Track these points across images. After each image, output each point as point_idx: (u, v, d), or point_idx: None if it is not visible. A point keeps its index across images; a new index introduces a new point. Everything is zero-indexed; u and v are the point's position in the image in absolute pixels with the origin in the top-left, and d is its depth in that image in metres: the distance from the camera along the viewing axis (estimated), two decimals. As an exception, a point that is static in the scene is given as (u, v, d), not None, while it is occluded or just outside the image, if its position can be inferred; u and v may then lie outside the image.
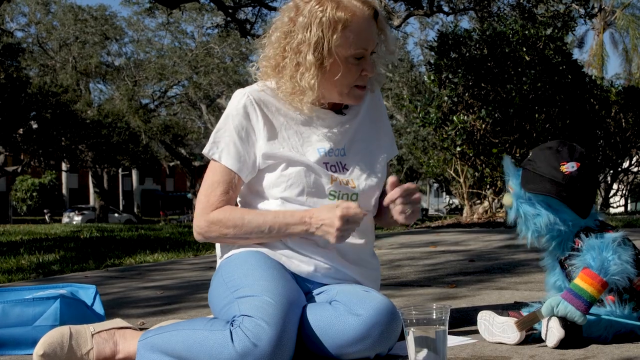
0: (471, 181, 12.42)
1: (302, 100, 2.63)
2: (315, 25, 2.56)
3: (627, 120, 12.53)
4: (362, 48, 2.60)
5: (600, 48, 42.17)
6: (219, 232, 2.62)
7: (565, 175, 2.52)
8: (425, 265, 5.48)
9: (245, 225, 2.60)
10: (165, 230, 13.25)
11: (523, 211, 2.58)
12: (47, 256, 7.73)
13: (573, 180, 2.52)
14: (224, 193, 2.64)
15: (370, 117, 2.82)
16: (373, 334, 2.36)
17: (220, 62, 39.72)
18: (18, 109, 30.44)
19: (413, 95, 34.19)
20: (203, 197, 2.66)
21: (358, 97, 2.69)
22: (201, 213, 2.65)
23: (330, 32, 2.56)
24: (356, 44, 2.59)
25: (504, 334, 2.55)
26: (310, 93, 2.60)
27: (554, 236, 2.58)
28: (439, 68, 11.30)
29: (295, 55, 2.61)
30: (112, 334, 2.57)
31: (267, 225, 2.59)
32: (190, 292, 4.66)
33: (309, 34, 2.58)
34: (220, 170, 2.65)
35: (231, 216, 2.61)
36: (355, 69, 2.62)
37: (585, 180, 2.54)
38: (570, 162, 2.54)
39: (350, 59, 2.60)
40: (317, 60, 2.58)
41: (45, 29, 40.24)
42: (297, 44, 2.60)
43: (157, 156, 45.85)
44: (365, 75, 2.65)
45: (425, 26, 39.85)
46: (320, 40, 2.57)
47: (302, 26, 2.59)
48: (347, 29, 2.57)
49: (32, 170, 46.34)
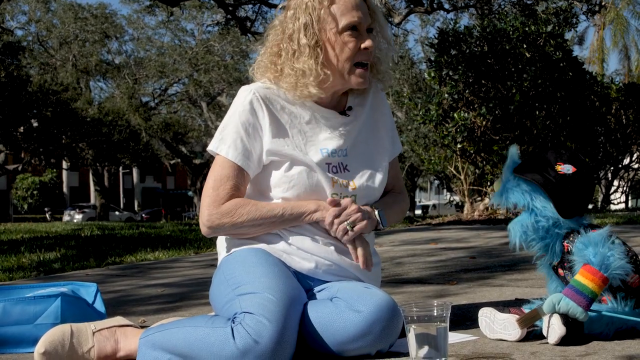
0: (472, 178, 12.42)
1: (306, 84, 2.63)
2: (302, 11, 2.63)
3: (628, 116, 12.53)
4: (352, 18, 2.62)
5: (601, 44, 42.18)
6: (231, 222, 2.61)
7: (558, 174, 2.54)
8: (426, 262, 5.48)
9: (258, 210, 2.60)
10: (166, 228, 13.26)
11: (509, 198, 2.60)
12: (48, 254, 7.74)
13: (564, 180, 2.53)
14: (233, 187, 2.64)
15: (374, 119, 2.82)
16: (374, 331, 2.36)
17: (221, 59, 39.69)
18: (18, 107, 30.43)
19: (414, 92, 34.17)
20: (212, 190, 2.64)
21: (362, 76, 2.68)
22: (211, 205, 2.63)
23: (317, 12, 2.61)
24: (345, 14, 2.62)
25: (505, 330, 2.55)
26: (309, 73, 2.61)
27: (541, 237, 2.58)
28: (440, 65, 11.30)
29: (289, 45, 2.65)
30: (113, 332, 2.57)
31: (280, 207, 2.61)
32: (192, 290, 4.66)
33: (298, 22, 2.63)
34: (228, 165, 2.65)
35: (243, 204, 2.61)
36: (353, 44, 2.63)
37: (577, 186, 2.56)
38: (567, 165, 2.56)
39: (345, 33, 2.62)
40: (310, 40, 2.61)
41: (45, 27, 40.21)
42: (289, 35, 2.65)
43: (158, 154, 45.81)
44: (365, 49, 2.65)
45: (425, 23, 39.87)
46: (309, 21, 2.61)
47: (291, 17, 2.66)
48: (332, 4, 2.63)
49: (33, 169, 46.36)
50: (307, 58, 2.61)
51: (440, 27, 12.52)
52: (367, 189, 2.71)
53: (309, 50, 2.61)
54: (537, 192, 2.56)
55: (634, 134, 12.75)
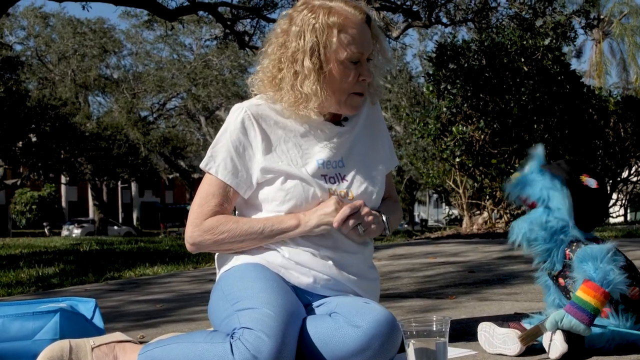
0: (470, 192, 12.42)
1: (307, 107, 2.63)
2: (309, 31, 2.59)
3: (626, 129, 12.53)
4: (358, 51, 2.62)
5: (600, 57, 42.25)
6: (212, 239, 2.63)
7: (582, 185, 2.53)
8: (424, 277, 5.48)
9: (238, 227, 2.62)
10: (164, 243, 13.24)
11: (530, 179, 2.58)
12: (46, 269, 7.72)
13: (587, 192, 2.53)
14: (218, 204, 2.65)
15: (369, 129, 2.82)
16: (373, 346, 2.36)
17: (219, 74, 39.81)
18: (17, 122, 30.47)
19: (412, 106, 34.28)
20: (196, 207, 2.67)
21: (355, 105, 2.70)
22: (193, 223, 2.66)
23: (325, 36, 2.59)
24: (351, 46, 2.60)
25: (504, 345, 2.55)
26: (314, 99, 2.61)
27: (546, 238, 2.56)
28: (438, 79, 11.31)
29: (291, 64, 2.63)
30: (112, 348, 2.57)
31: (261, 223, 2.62)
32: (190, 305, 4.65)
33: (303, 41, 2.60)
34: (215, 183, 2.66)
35: (224, 222, 2.62)
36: (352, 74, 2.63)
37: (596, 201, 2.56)
38: (591, 178, 2.56)
39: (347, 63, 2.62)
40: (315, 65, 2.60)
41: (44, 42, 40.34)
42: (292, 53, 2.63)
43: (157, 168, 45.88)
44: (363, 80, 2.66)
45: (424, 37, 39.98)
46: (316, 46, 2.59)
47: (296, 35, 2.62)
48: (341, 32, 2.59)
49: (32, 183, 46.37)
50: (312, 83, 2.60)
51: (438, 41, 12.55)
52: (365, 198, 2.70)
53: (314, 75, 2.60)
54: (556, 191, 2.54)
55: (633, 147, 12.75)
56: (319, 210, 2.60)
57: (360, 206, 2.61)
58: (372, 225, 2.63)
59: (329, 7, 2.62)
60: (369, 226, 2.63)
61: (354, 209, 2.59)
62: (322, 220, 2.59)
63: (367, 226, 2.62)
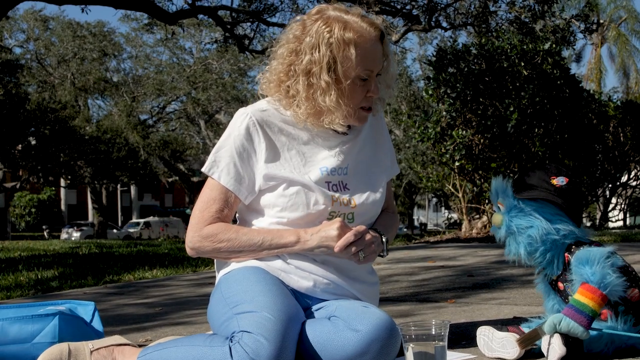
0: (470, 196, 12.42)
1: (333, 121, 2.63)
2: (324, 45, 2.58)
3: (626, 134, 12.54)
4: (369, 69, 2.61)
5: (599, 62, 42.28)
6: (211, 247, 2.63)
7: (556, 187, 2.56)
8: (423, 281, 5.48)
9: (238, 238, 2.61)
10: (163, 246, 13.24)
11: (515, 225, 2.59)
12: (45, 272, 7.72)
13: (564, 192, 2.55)
14: (219, 210, 2.65)
15: (372, 137, 2.83)
16: (372, 350, 2.36)
17: (219, 77, 39.80)
18: (17, 125, 30.48)
19: (412, 110, 34.26)
20: (198, 212, 2.67)
21: (362, 118, 2.70)
22: (194, 228, 2.66)
23: (341, 52, 2.57)
24: (363, 64, 2.60)
25: (503, 349, 2.55)
26: (338, 112, 2.61)
27: (547, 249, 2.57)
28: (438, 83, 11.31)
29: (305, 76, 2.62)
30: (111, 351, 2.57)
31: (261, 236, 2.61)
32: (189, 308, 4.65)
33: (318, 54, 2.58)
34: (218, 188, 2.66)
35: (224, 231, 2.62)
36: (361, 90, 2.64)
37: (575, 194, 2.60)
38: (559, 177, 2.58)
39: (357, 80, 2.61)
40: (333, 79, 2.59)
41: (43, 45, 40.36)
42: (307, 65, 2.61)
43: (156, 172, 45.84)
44: (370, 96, 2.66)
45: (424, 41, 40.04)
46: (332, 61, 2.58)
47: (310, 46, 2.60)
48: (355, 49, 2.58)
49: (31, 187, 46.32)
50: (334, 97, 2.60)
51: (438, 45, 12.55)
52: (367, 207, 2.71)
53: (335, 90, 2.59)
54: (544, 208, 2.57)
55: (632, 152, 12.76)
56: (321, 232, 2.57)
57: (364, 232, 2.57)
58: (372, 253, 2.60)
59: (345, 21, 2.61)
60: (371, 253, 2.60)
61: (358, 235, 2.54)
62: (323, 243, 2.56)
63: (369, 252, 2.59)
